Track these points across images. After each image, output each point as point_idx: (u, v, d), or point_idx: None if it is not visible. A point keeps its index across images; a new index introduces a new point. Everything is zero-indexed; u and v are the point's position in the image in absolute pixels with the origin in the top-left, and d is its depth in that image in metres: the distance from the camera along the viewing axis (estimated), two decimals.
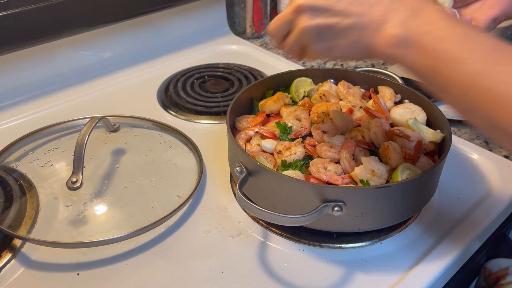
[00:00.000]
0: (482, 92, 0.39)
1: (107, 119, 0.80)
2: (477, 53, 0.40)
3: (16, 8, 0.81)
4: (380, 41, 0.46)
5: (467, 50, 0.40)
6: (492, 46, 0.41)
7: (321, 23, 0.49)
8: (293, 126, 0.72)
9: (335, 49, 0.50)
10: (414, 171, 0.62)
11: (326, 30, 0.49)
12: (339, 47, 0.50)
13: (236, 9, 1.20)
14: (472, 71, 0.39)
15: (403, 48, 0.44)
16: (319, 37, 0.50)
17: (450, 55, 0.41)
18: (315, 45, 0.51)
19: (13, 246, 0.64)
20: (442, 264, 0.62)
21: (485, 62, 0.39)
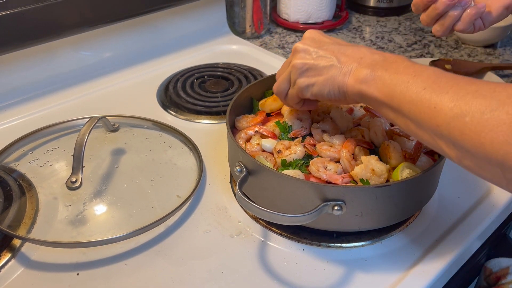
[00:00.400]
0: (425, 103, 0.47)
1: (106, 119, 0.80)
2: (423, 77, 0.49)
3: (15, 8, 0.81)
4: (350, 79, 0.56)
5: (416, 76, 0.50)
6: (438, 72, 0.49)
7: (308, 61, 0.59)
8: (293, 126, 0.72)
9: (314, 86, 0.59)
10: (414, 170, 0.62)
11: (311, 67, 0.59)
12: (317, 84, 0.59)
13: (236, 9, 1.20)
14: (418, 89, 0.48)
15: (367, 83, 0.54)
16: (304, 73, 0.60)
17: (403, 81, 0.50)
18: (299, 80, 0.60)
19: (12, 246, 0.64)
20: (442, 264, 0.62)
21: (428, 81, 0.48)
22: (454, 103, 0.44)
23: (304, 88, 0.60)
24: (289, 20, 1.27)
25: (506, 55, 1.16)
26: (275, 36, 1.27)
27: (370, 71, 0.54)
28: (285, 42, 1.23)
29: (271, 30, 1.29)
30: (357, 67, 0.56)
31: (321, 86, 0.59)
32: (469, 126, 0.43)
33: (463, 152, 0.45)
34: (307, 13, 1.25)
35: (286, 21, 1.28)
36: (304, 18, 1.26)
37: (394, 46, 1.22)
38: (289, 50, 1.19)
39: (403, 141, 0.67)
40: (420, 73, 0.50)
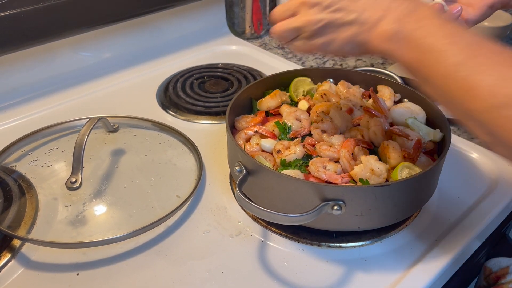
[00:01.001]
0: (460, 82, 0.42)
1: (106, 119, 0.80)
2: (459, 47, 0.43)
3: (15, 9, 0.81)
4: (375, 36, 0.50)
5: (451, 43, 0.43)
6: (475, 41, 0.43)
7: (325, 18, 0.52)
8: (292, 126, 0.72)
9: (333, 43, 0.54)
10: (414, 170, 0.62)
11: (328, 24, 0.53)
12: (337, 41, 0.53)
13: (236, 10, 1.21)
14: (453, 63, 0.42)
15: (394, 42, 0.48)
16: (320, 30, 0.53)
17: (434, 48, 0.44)
18: (315, 38, 0.54)
19: (12, 247, 0.64)
20: (442, 263, 0.62)
21: (466, 54, 0.42)
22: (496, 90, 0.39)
23: (321, 46, 0.55)
24: None
25: None
26: None
27: (397, 28, 0.47)
28: None
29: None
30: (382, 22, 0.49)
31: (341, 44, 0.53)
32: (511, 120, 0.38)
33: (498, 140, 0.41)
34: None
35: None
36: None
37: None
38: (289, 50, 1.19)
39: (403, 141, 0.67)
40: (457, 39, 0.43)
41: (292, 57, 1.16)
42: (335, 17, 0.52)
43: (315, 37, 0.54)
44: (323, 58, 1.16)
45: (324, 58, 1.15)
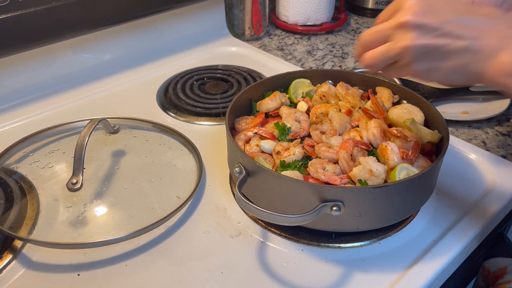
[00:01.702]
0: None
1: (107, 120, 0.80)
2: None
3: (16, 11, 0.81)
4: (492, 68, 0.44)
5: None
6: None
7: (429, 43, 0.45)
8: (291, 127, 0.72)
9: (436, 72, 0.47)
10: (412, 171, 0.62)
11: (432, 50, 0.46)
12: (442, 70, 0.47)
13: (235, 11, 1.21)
14: None
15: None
16: (422, 57, 0.47)
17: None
18: (415, 65, 0.47)
19: (13, 247, 0.64)
20: (440, 263, 0.62)
21: None
22: None
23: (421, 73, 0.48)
24: (288, 22, 1.28)
25: None
26: (274, 38, 1.27)
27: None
28: (284, 44, 1.24)
29: (270, 32, 1.30)
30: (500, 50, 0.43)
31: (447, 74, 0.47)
32: None
33: None
34: (305, 15, 1.26)
35: (285, 23, 1.29)
36: (302, 20, 1.26)
37: None
38: (288, 52, 1.20)
39: (401, 142, 0.67)
40: None
41: (292, 58, 1.16)
42: (442, 43, 0.45)
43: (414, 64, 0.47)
44: (323, 59, 1.16)
45: (324, 60, 1.16)
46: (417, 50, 0.46)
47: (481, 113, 0.90)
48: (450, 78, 0.47)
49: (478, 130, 0.89)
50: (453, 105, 0.95)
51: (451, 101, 0.96)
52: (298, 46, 1.23)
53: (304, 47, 1.22)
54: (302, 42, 1.25)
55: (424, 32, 0.45)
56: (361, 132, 0.69)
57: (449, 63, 0.46)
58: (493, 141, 0.86)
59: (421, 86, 0.98)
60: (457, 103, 0.95)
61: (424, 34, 0.45)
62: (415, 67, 0.48)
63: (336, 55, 1.18)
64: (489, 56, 0.44)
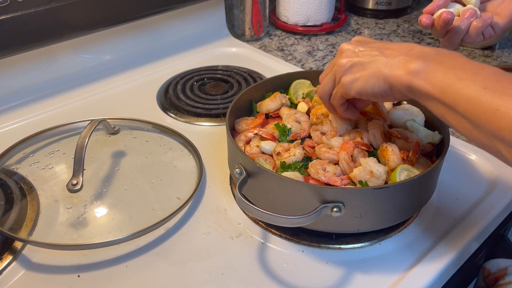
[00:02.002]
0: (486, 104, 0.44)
1: (107, 121, 0.80)
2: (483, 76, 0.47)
3: (16, 12, 0.81)
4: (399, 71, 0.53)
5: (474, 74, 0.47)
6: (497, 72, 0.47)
7: (353, 59, 0.59)
8: (292, 128, 0.72)
9: (358, 81, 0.58)
10: (413, 172, 0.62)
11: (356, 63, 0.58)
12: (362, 78, 0.57)
13: (235, 12, 1.21)
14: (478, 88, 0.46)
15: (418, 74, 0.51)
16: (348, 70, 0.59)
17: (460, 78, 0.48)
18: (343, 78, 0.60)
19: (14, 249, 0.64)
20: (441, 265, 0.62)
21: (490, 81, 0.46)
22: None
23: (348, 84, 0.59)
24: (288, 22, 1.28)
25: (504, 57, 1.17)
26: (274, 38, 1.27)
27: (422, 63, 0.51)
28: (284, 44, 1.24)
29: (270, 33, 1.30)
30: (406, 58, 0.53)
31: (365, 81, 0.57)
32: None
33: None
34: (306, 16, 1.26)
35: (285, 23, 1.29)
36: (303, 21, 1.26)
37: None
38: (288, 52, 1.20)
39: (402, 143, 0.67)
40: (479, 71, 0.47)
41: (292, 59, 1.16)
42: (363, 58, 0.58)
43: (343, 78, 0.60)
44: (323, 60, 1.16)
45: (324, 60, 1.16)
46: (345, 63, 0.59)
47: None
48: (367, 85, 0.57)
49: None
50: None
51: None
52: (298, 47, 1.23)
53: (304, 47, 1.22)
54: (302, 43, 1.25)
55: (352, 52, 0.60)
56: (362, 133, 0.69)
57: (366, 71, 0.57)
58: None
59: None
60: None
61: (352, 53, 0.60)
62: (343, 80, 0.60)
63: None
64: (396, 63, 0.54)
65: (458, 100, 0.47)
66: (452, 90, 0.48)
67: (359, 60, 0.58)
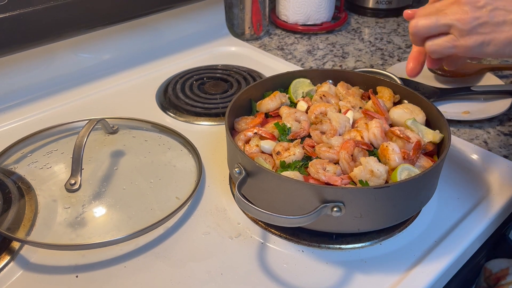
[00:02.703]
0: None
1: (105, 121, 0.80)
2: None
3: (14, 11, 0.81)
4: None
5: None
6: None
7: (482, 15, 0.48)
8: (292, 127, 0.72)
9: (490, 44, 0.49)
10: (413, 172, 0.62)
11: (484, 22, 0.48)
12: (495, 42, 0.49)
13: (235, 11, 1.21)
14: None
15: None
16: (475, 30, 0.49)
17: None
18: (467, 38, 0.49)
19: (11, 249, 0.64)
20: (442, 265, 0.62)
21: None
22: None
23: (475, 47, 0.50)
24: (288, 21, 1.27)
25: None
26: (274, 37, 1.27)
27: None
28: (284, 43, 1.23)
29: (270, 32, 1.29)
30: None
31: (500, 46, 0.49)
32: None
33: None
34: (306, 15, 1.25)
35: (285, 22, 1.28)
36: (303, 20, 1.26)
37: (393, 47, 1.22)
38: (288, 51, 1.19)
39: (402, 142, 0.67)
40: None
41: (292, 58, 1.16)
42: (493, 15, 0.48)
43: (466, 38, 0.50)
44: (323, 59, 1.16)
45: (324, 59, 1.15)
46: (471, 21, 0.48)
47: (483, 113, 0.90)
48: (503, 51, 0.49)
49: (480, 130, 0.89)
50: (455, 104, 0.94)
51: (453, 101, 0.95)
52: (298, 46, 1.22)
53: (304, 46, 1.22)
54: (302, 42, 1.24)
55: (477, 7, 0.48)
56: (362, 132, 0.68)
57: (502, 35, 0.48)
58: (494, 141, 0.86)
59: (422, 86, 0.98)
60: (459, 102, 0.95)
61: (477, 9, 0.48)
62: (467, 41, 0.49)
63: (336, 54, 1.18)
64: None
65: None
66: None
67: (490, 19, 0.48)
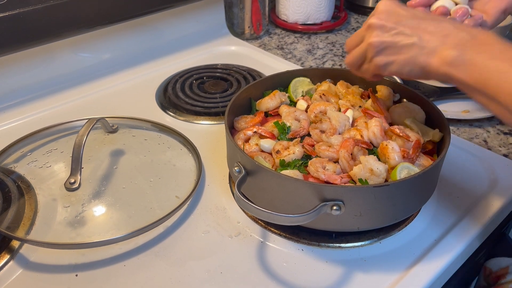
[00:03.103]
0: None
1: (105, 120, 0.80)
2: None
3: (14, 10, 0.81)
4: (435, 60, 0.53)
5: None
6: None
7: (386, 40, 0.56)
8: (291, 126, 0.72)
9: (392, 64, 0.57)
10: (413, 170, 0.62)
11: (389, 45, 0.56)
12: (396, 62, 0.56)
13: (235, 10, 1.21)
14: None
15: (455, 66, 0.50)
16: (381, 51, 0.57)
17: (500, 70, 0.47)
18: (376, 59, 0.58)
19: (11, 248, 0.64)
20: (441, 263, 0.62)
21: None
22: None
23: (381, 66, 0.58)
24: (287, 21, 1.27)
25: None
26: (274, 37, 1.27)
27: (458, 53, 0.50)
28: (284, 43, 1.23)
29: (270, 31, 1.29)
30: (442, 46, 0.52)
31: (400, 65, 0.56)
32: None
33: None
34: (305, 14, 1.25)
35: (285, 22, 1.28)
36: (302, 19, 1.26)
37: None
38: (288, 50, 1.19)
39: (402, 141, 0.67)
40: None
41: (292, 57, 1.16)
42: (396, 40, 0.55)
43: (376, 58, 0.58)
44: (323, 58, 1.16)
45: (324, 59, 1.15)
46: (377, 45, 0.56)
47: (482, 112, 0.90)
48: (403, 71, 0.56)
49: (479, 129, 0.89)
50: (454, 103, 0.94)
51: (452, 100, 0.95)
52: (298, 45, 1.22)
53: (304, 46, 1.22)
54: (302, 41, 1.24)
55: (383, 31, 0.56)
56: (362, 131, 0.68)
57: (401, 57, 0.55)
58: (494, 140, 0.86)
59: (422, 85, 0.98)
60: (458, 101, 0.94)
61: (383, 33, 0.56)
62: (376, 60, 0.58)
63: (336, 54, 1.18)
64: (432, 51, 0.53)
65: (500, 92, 0.47)
66: (493, 83, 0.47)
67: (392, 42, 0.55)
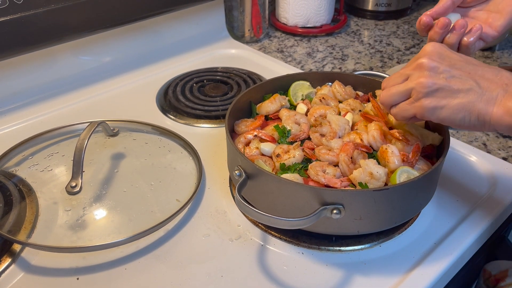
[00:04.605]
0: None
1: (106, 123, 0.80)
2: None
3: (15, 14, 0.81)
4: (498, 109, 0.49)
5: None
6: None
7: (439, 82, 0.52)
8: (291, 130, 0.72)
9: (444, 109, 0.52)
10: (413, 174, 0.62)
11: (442, 88, 0.52)
12: (448, 107, 0.52)
13: (235, 14, 1.21)
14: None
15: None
16: (432, 93, 0.52)
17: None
18: (424, 100, 0.53)
19: (12, 251, 0.64)
20: (441, 267, 0.62)
21: None
22: None
23: (429, 109, 0.53)
24: (287, 24, 1.28)
25: (504, 58, 1.17)
26: (274, 40, 1.27)
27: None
28: (284, 46, 1.24)
29: (270, 34, 1.30)
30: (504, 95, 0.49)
31: (453, 111, 0.52)
32: None
33: None
34: (305, 17, 1.25)
35: (284, 25, 1.29)
36: (302, 22, 1.26)
37: (392, 49, 1.22)
38: (288, 54, 1.20)
39: (402, 145, 0.67)
40: None
41: (291, 60, 1.16)
42: (451, 83, 0.51)
43: (424, 100, 0.53)
44: (322, 61, 1.16)
45: (323, 62, 1.16)
46: (429, 85, 0.52)
47: None
48: (455, 117, 0.52)
49: (479, 132, 0.89)
50: None
51: None
52: (298, 48, 1.23)
53: (304, 49, 1.22)
54: (302, 44, 1.25)
55: (436, 73, 0.52)
56: (361, 134, 0.69)
57: (455, 101, 0.51)
58: (493, 143, 0.86)
59: None
60: None
61: (436, 74, 0.52)
62: (424, 102, 0.53)
63: (336, 57, 1.18)
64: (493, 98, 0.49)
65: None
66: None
67: (447, 86, 0.51)
